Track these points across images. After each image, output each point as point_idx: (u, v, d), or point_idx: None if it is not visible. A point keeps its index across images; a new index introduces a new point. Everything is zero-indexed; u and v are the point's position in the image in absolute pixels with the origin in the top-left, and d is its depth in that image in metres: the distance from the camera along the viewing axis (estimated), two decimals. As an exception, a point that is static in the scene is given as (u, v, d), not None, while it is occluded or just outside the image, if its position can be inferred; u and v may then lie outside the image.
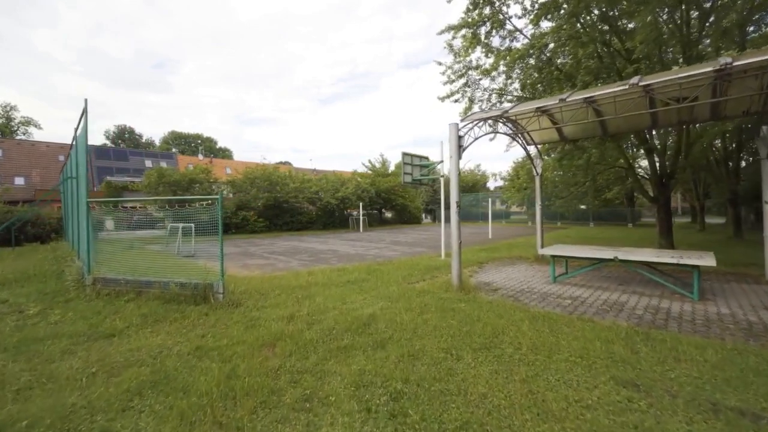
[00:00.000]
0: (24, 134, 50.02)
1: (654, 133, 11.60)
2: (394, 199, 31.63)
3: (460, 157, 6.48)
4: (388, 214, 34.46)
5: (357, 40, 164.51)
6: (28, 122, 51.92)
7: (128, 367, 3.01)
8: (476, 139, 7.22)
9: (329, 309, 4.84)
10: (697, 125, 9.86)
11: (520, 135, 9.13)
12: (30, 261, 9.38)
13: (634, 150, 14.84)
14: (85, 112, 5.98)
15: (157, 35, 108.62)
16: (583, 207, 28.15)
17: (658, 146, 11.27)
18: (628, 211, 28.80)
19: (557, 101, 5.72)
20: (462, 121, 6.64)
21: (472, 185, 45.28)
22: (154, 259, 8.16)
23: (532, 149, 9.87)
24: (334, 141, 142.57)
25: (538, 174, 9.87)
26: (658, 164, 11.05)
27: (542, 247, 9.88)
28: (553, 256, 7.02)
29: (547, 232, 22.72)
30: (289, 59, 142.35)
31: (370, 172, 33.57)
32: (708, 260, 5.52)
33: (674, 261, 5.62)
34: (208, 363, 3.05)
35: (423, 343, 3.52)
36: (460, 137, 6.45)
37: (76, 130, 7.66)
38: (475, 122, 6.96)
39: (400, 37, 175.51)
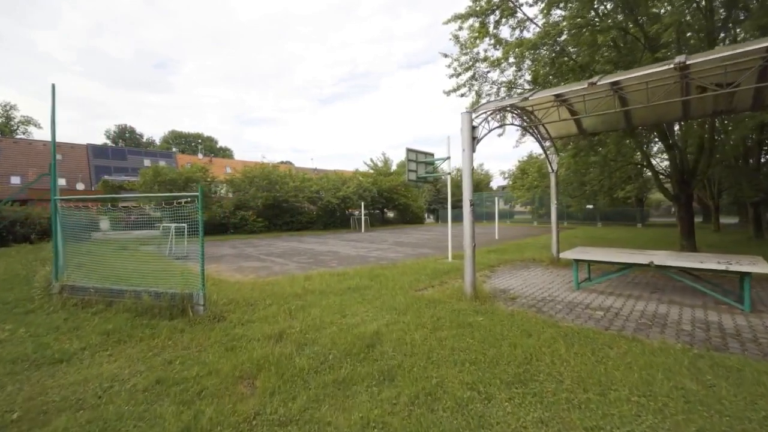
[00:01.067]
0: (23, 133, 49.64)
1: (676, 127, 10.90)
2: (396, 198, 30.92)
3: (473, 150, 5.78)
4: (390, 214, 33.78)
5: (357, 40, 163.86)
6: (27, 121, 51.54)
7: (62, 411, 2.32)
8: (491, 130, 6.52)
9: (326, 324, 4.15)
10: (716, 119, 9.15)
11: (534, 128, 8.43)
12: (4, 264, 8.73)
13: (646, 147, 14.06)
14: (53, 98, 5.31)
15: (158, 35, 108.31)
16: (589, 206, 27.40)
17: (678, 142, 10.55)
18: (637, 210, 27.97)
19: (586, 86, 5.01)
20: (475, 110, 5.94)
21: (476, 185, 44.52)
22: (140, 263, 7.47)
23: (544, 145, 9.16)
24: (334, 141, 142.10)
25: (553, 171, 9.16)
26: (678, 160, 10.34)
27: (558, 248, 9.18)
28: (577, 260, 6.31)
29: (550, 232, 21.93)
30: (289, 59, 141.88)
31: (372, 171, 32.87)
32: (762, 266, 4.80)
33: (722, 267, 4.90)
34: (165, 405, 2.35)
35: (441, 375, 2.82)
36: (473, 128, 5.75)
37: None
38: (489, 112, 6.26)
39: (400, 37, 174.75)
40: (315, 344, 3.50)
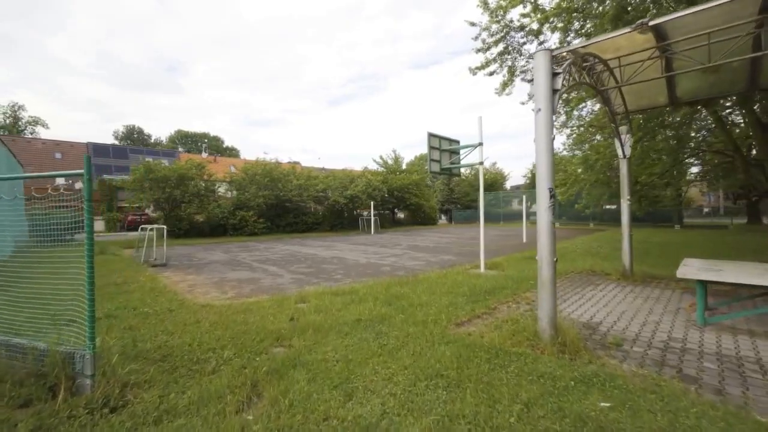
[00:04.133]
0: (31, 133, 49.09)
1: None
2: (408, 198, 28.81)
3: (554, 111, 3.66)
4: (401, 215, 31.70)
5: (364, 41, 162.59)
6: (35, 122, 51.00)
7: None
8: (570, 87, 4.43)
9: (316, 425, 2.10)
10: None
11: (607, 95, 6.25)
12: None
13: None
14: None
15: (168, 37, 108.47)
16: (611, 207, 24.92)
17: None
18: (674, 211, 25.28)
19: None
20: (555, 51, 3.82)
21: (491, 184, 42.08)
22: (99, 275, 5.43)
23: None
24: (342, 141, 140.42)
25: (625, 156, 6.98)
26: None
27: (631, 257, 7.03)
28: (702, 282, 4.14)
29: (581, 234, 19.46)
30: (296, 61, 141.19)
31: (382, 169, 30.78)
32: None
33: None
34: None
35: None
36: (554, 75, 3.65)
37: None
38: (573, 56, 4.14)
39: (406, 38, 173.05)
40: None
